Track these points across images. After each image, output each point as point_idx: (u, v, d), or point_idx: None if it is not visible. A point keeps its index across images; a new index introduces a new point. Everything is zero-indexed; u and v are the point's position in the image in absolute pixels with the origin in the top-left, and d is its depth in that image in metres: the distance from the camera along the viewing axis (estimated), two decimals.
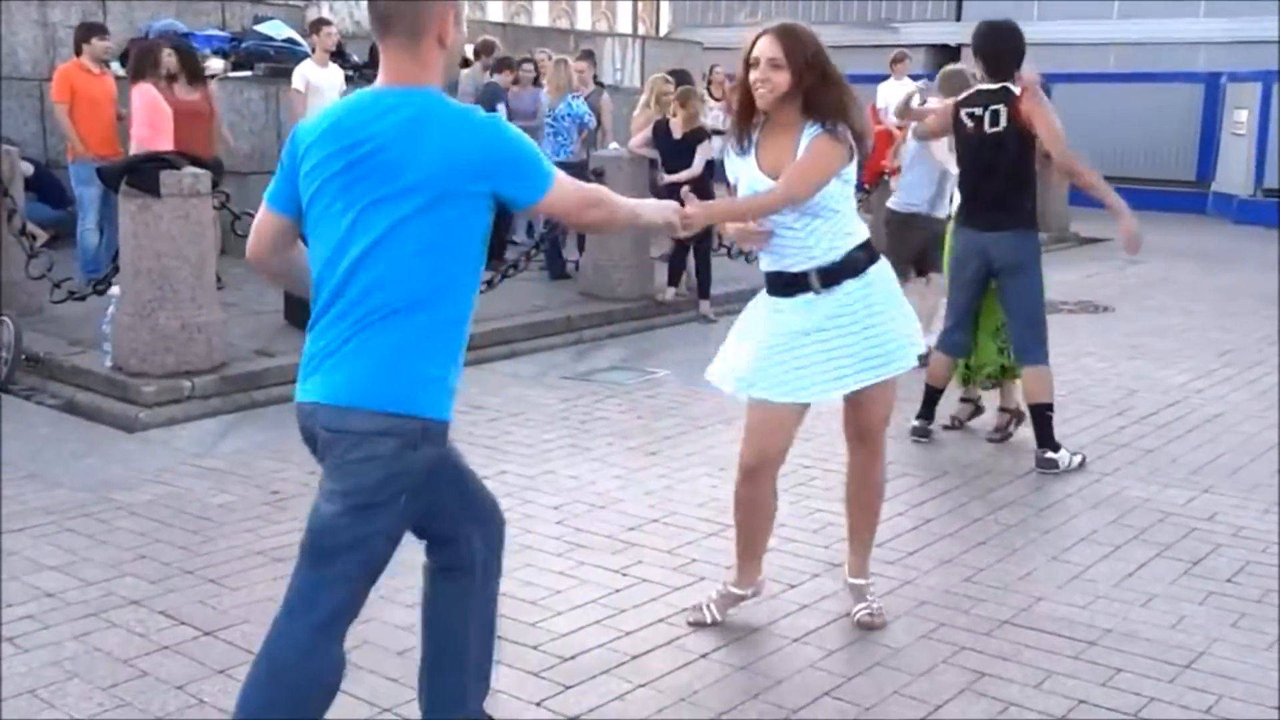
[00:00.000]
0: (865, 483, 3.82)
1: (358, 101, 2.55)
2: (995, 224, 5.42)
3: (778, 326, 3.54)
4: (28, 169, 8.12)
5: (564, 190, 2.60)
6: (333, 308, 2.49)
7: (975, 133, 5.39)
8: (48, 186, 9.57)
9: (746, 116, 3.56)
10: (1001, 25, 5.44)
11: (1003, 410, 5.93)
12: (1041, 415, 5.42)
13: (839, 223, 3.52)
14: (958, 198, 5.89)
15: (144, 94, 8.04)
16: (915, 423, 5.82)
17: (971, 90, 5.51)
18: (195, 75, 8.70)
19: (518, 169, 2.51)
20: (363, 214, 2.45)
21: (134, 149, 7.84)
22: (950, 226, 5.89)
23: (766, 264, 3.60)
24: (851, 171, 3.52)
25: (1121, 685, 3.40)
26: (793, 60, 3.40)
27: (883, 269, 3.62)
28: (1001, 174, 5.42)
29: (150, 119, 7.96)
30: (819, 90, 3.42)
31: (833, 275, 3.51)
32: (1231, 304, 9.80)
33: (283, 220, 2.64)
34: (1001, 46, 5.40)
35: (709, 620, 3.74)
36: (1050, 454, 5.37)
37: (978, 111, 5.37)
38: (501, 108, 10.13)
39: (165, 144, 7.75)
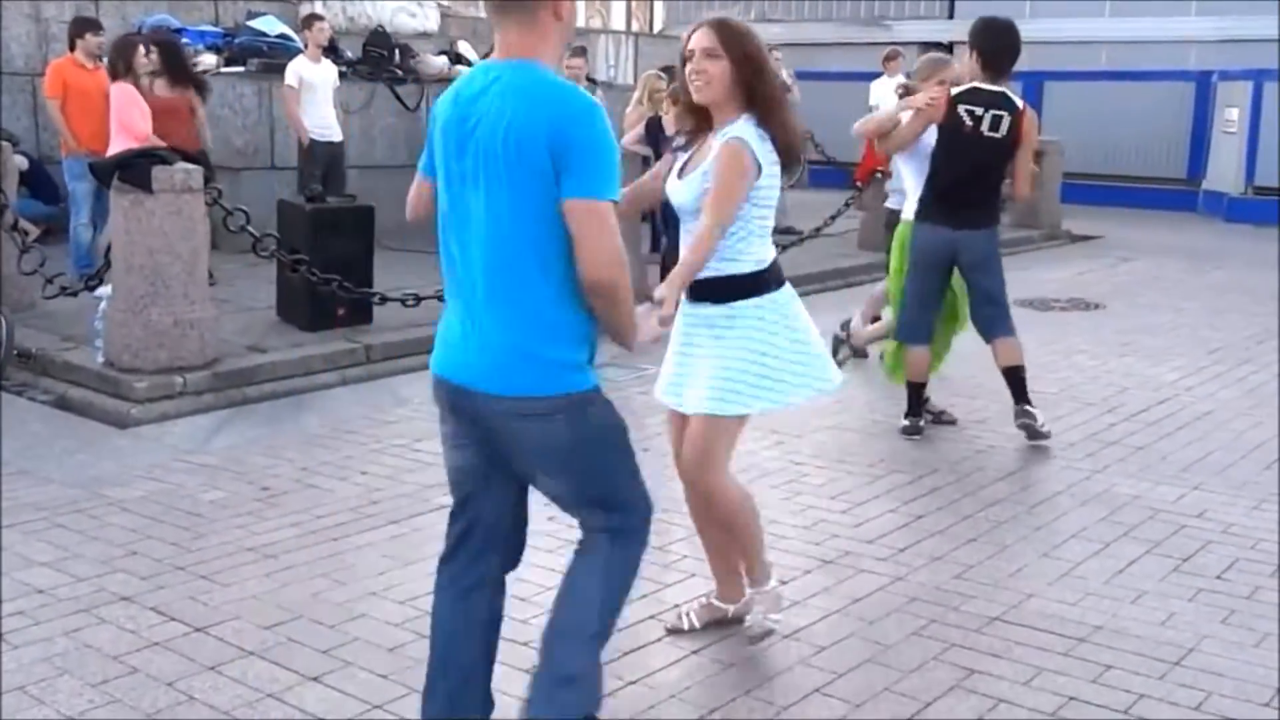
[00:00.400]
0: (707, 516, 3.59)
1: (471, 75, 2.64)
2: (969, 222, 5.48)
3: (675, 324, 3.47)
4: (22, 164, 8.11)
5: (602, 220, 2.45)
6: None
7: (973, 132, 5.38)
8: (41, 182, 9.55)
9: (693, 126, 3.38)
10: (999, 22, 5.45)
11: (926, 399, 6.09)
12: (1017, 377, 5.68)
13: (725, 242, 3.27)
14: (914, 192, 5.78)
15: (120, 92, 7.99)
16: (905, 421, 5.83)
17: (968, 86, 5.47)
18: (177, 75, 8.61)
19: (579, 160, 2.44)
20: (476, 189, 2.53)
21: (111, 147, 7.80)
22: (909, 222, 5.81)
23: None
24: (767, 188, 3.28)
25: (1111, 682, 3.42)
26: (730, 51, 3.21)
27: (763, 309, 3.33)
28: (987, 176, 5.48)
29: (122, 117, 7.90)
30: (756, 87, 3.23)
31: (696, 291, 3.34)
32: (1222, 302, 9.82)
33: (431, 184, 2.74)
34: (999, 43, 5.41)
35: (686, 628, 3.69)
36: (1030, 408, 5.63)
37: (978, 111, 5.37)
38: None
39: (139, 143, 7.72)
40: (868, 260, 11.00)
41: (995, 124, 5.37)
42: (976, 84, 5.44)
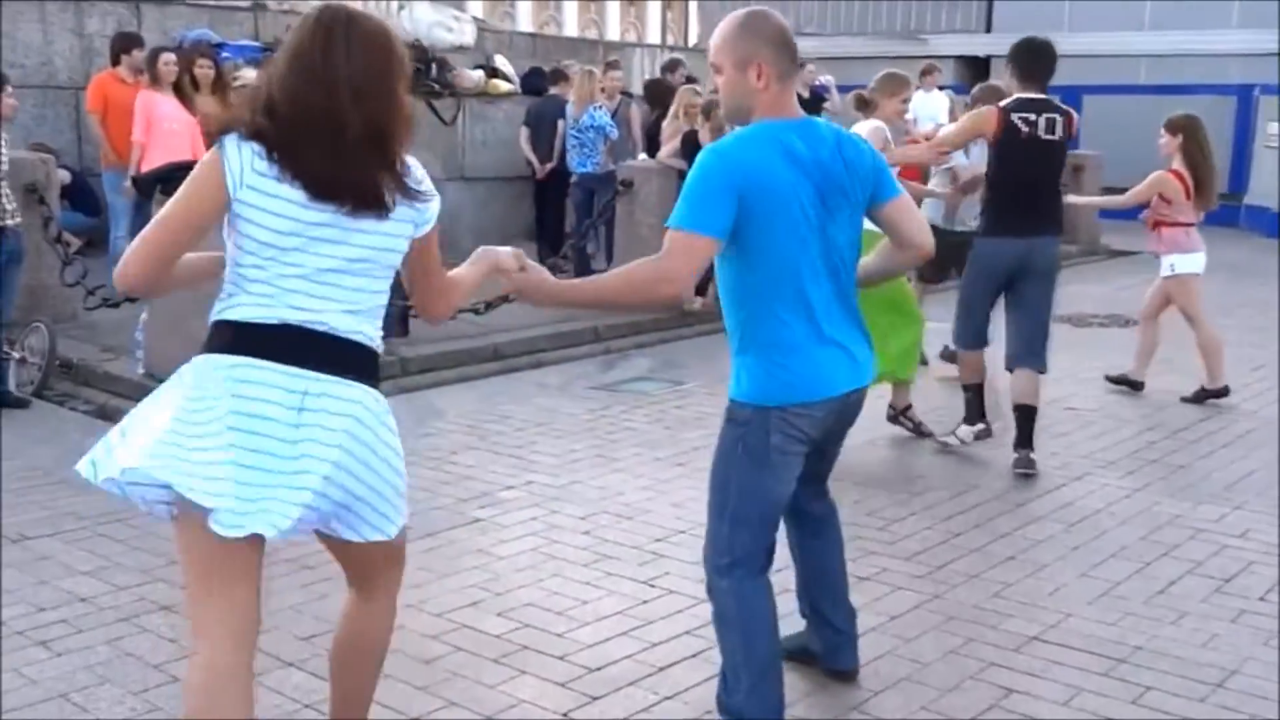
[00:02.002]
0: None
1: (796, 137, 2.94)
2: (1039, 229, 5.51)
3: None
4: (65, 177, 8.22)
5: None
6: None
7: (1029, 137, 5.41)
8: (83, 194, 9.66)
9: None
10: (1039, 41, 5.54)
11: (893, 407, 6.08)
12: (1028, 417, 5.57)
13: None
14: (972, 208, 5.84)
15: (142, 100, 8.12)
16: (975, 428, 5.78)
17: (1015, 97, 5.50)
18: (219, 89, 8.78)
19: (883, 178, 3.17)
20: (836, 223, 3.03)
21: (146, 160, 7.92)
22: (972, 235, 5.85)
23: None
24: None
25: (1151, 704, 3.38)
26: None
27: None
28: (1052, 180, 5.56)
29: (144, 127, 8.04)
30: None
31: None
32: (1264, 318, 9.71)
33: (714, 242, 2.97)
34: (1031, 54, 5.49)
35: None
36: (1032, 455, 5.53)
37: (1031, 117, 5.41)
38: (561, 123, 10.18)
39: (158, 153, 7.83)
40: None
41: (1050, 126, 5.43)
42: (1021, 95, 5.48)
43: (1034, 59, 5.48)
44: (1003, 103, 5.52)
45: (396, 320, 7.29)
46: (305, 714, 3.26)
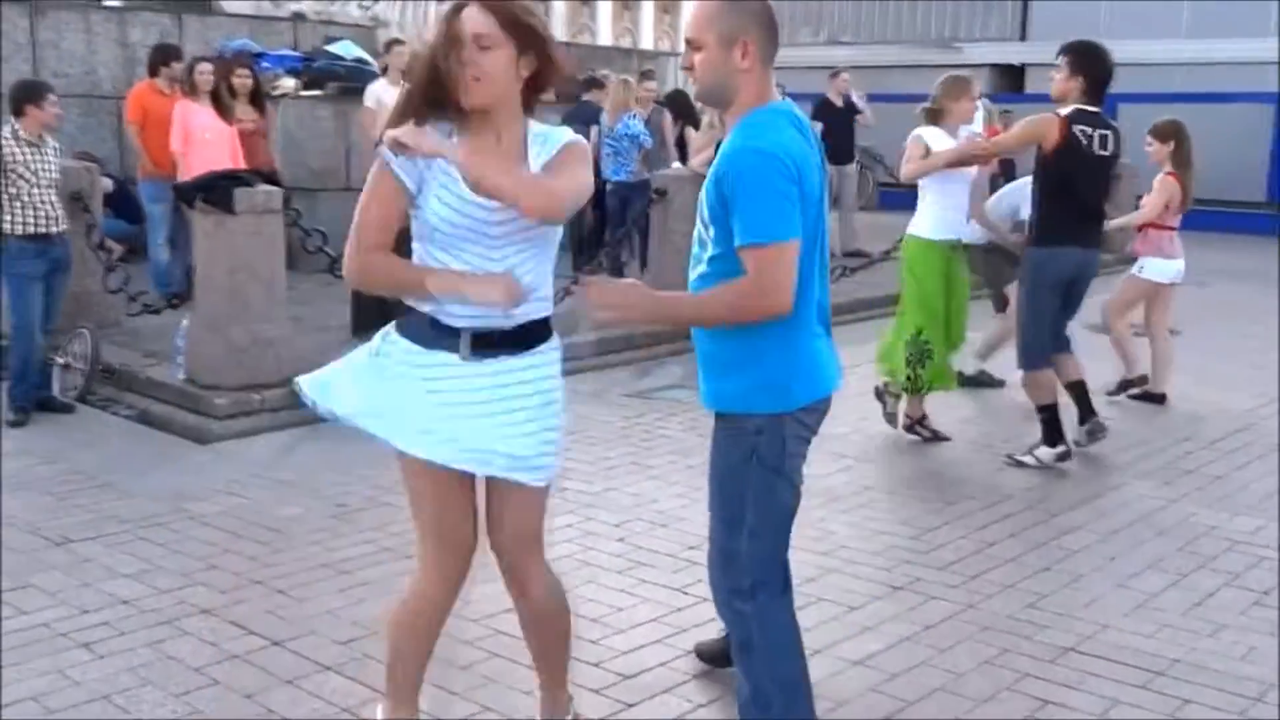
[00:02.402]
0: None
1: (787, 124, 2.76)
2: (1097, 241, 5.68)
3: None
4: (108, 185, 8.34)
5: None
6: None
7: (1088, 151, 5.45)
8: (126, 202, 9.80)
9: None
10: (1101, 49, 5.60)
11: (909, 416, 6.14)
12: (1085, 390, 5.86)
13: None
14: (1023, 213, 5.87)
15: (179, 110, 8.24)
16: (1056, 449, 5.72)
17: (1075, 108, 5.48)
18: (257, 98, 8.91)
19: None
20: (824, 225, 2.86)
21: (183, 170, 8.02)
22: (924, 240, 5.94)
23: None
24: None
25: (1189, 717, 3.36)
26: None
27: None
28: (1099, 194, 5.62)
29: (182, 136, 8.16)
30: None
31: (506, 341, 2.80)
32: None
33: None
34: (1104, 70, 5.54)
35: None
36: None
37: (1089, 130, 5.45)
38: (595, 129, 10.22)
39: (195, 162, 7.93)
40: None
41: (1104, 142, 5.47)
42: (1081, 107, 5.48)
43: (1105, 74, 5.51)
44: (1063, 112, 5.48)
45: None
46: (342, 718, 3.30)
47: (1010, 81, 20.32)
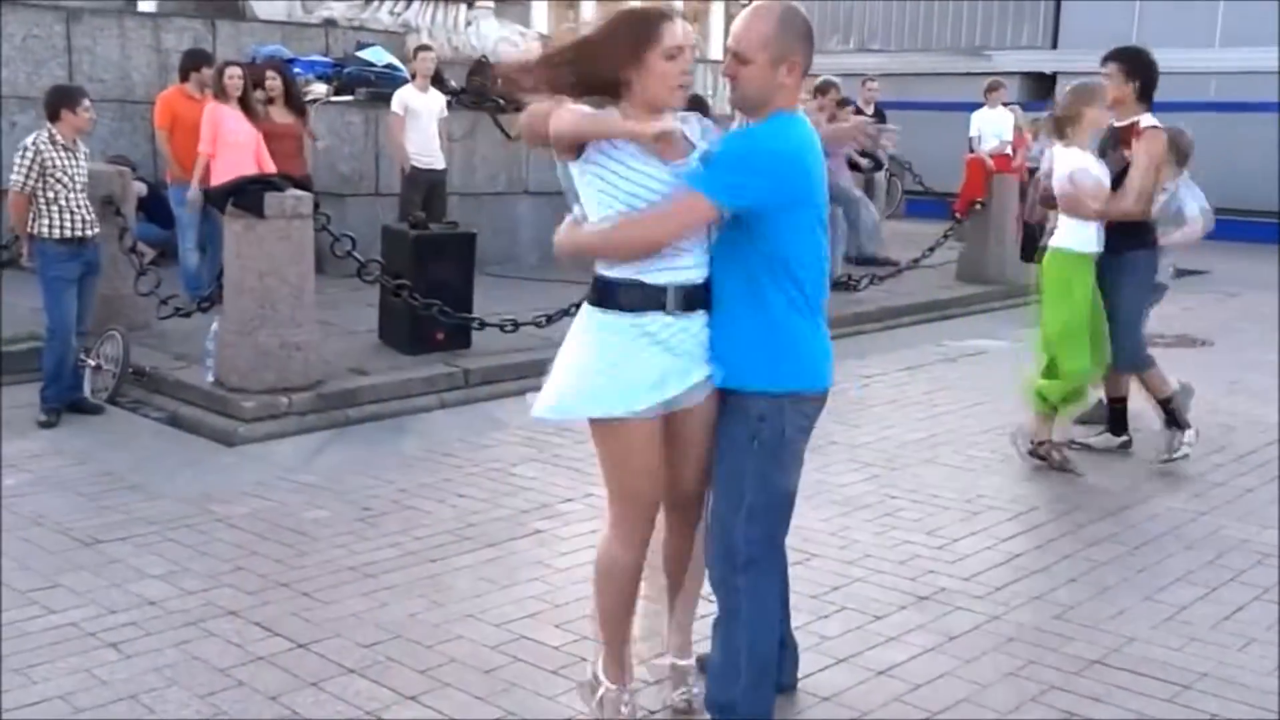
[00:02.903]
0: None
1: (798, 124, 3.00)
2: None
3: None
4: (141, 189, 8.42)
5: None
6: None
7: None
8: (157, 206, 9.90)
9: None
10: (1150, 55, 5.73)
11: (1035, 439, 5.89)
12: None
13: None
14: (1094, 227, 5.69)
15: (209, 113, 8.30)
16: (1190, 431, 5.79)
17: (1155, 120, 5.66)
18: (291, 102, 8.98)
19: None
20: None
21: (215, 173, 8.08)
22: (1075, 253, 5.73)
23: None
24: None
25: None
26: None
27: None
28: None
29: (210, 139, 8.23)
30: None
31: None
32: None
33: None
34: (1154, 75, 5.67)
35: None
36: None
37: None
38: None
39: (222, 164, 7.98)
40: (967, 292, 10.88)
41: None
42: (1145, 113, 5.65)
43: (1156, 77, 5.65)
44: (1157, 123, 5.64)
45: (458, 333, 7.37)
46: None
47: (1041, 89, 20.18)
